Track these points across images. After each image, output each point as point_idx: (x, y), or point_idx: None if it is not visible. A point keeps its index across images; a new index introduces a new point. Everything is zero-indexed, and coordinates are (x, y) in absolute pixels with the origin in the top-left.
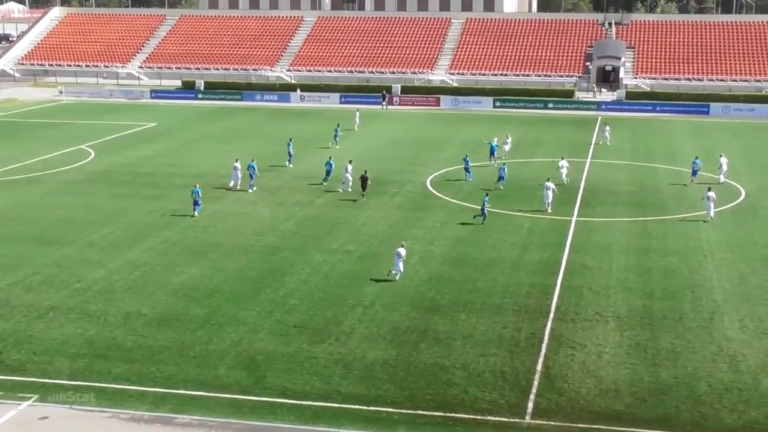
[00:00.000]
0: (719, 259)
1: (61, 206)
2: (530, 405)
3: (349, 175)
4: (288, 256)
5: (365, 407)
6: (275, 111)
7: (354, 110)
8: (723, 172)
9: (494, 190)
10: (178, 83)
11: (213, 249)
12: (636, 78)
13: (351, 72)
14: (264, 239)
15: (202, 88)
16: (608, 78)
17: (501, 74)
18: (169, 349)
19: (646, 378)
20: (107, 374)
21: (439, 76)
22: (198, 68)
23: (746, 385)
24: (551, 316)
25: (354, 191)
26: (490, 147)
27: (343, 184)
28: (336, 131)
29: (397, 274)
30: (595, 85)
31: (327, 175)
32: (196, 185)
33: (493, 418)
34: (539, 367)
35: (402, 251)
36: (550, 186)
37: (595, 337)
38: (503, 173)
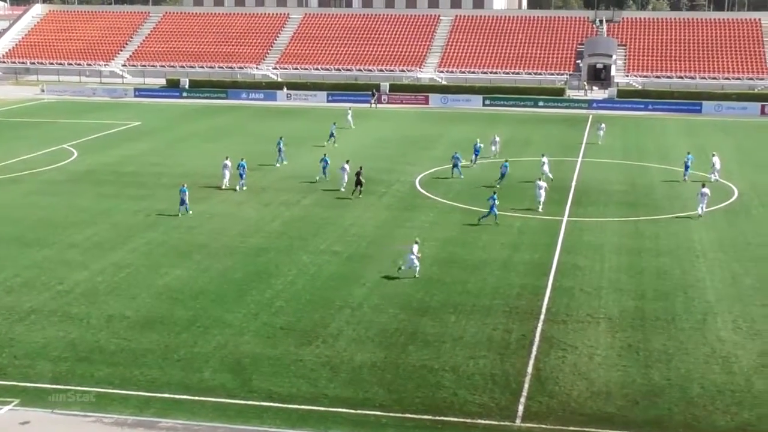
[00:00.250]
0: (712, 259)
1: (42, 206)
2: (521, 408)
3: (345, 174)
4: (274, 258)
5: (353, 410)
6: (261, 109)
7: (346, 109)
8: (716, 170)
9: (499, 188)
10: (163, 81)
11: (198, 250)
12: (627, 76)
13: (338, 70)
14: (250, 240)
15: (187, 86)
16: (599, 76)
17: (491, 72)
18: (153, 352)
19: (638, 380)
20: (90, 378)
21: (428, 74)
22: (182, 66)
23: (739, 386)
24: (542, 317)
25: (347, 190)
26: (474, 148)
27: (339, 183)
28: (332, 130)
29: (415, 269)
30: (586, 83)
31: (324, 170)
32: (184, 185)
33: (483, 422)
34: (530, 369)
35: (415, 248)
36: (542, 185)
37: (587, 338)
38: (505, 170)
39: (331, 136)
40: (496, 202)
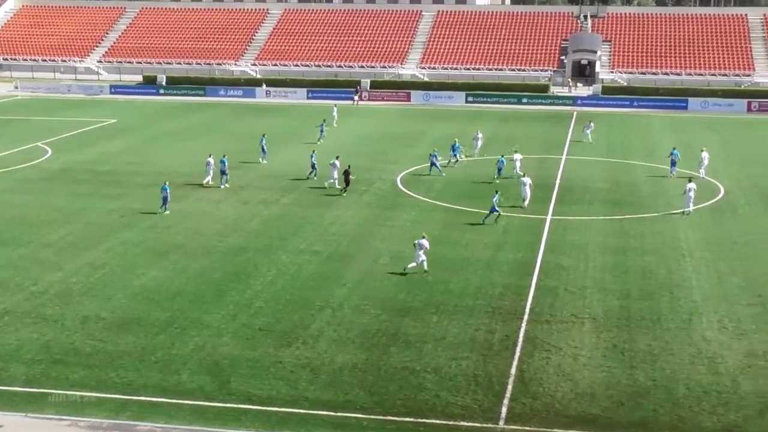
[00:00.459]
0: (698, 258)
1: (15, 205)
2: (504, 410)
3: (335, 172)
4: (253, 257)
5: (333, 413)
6: (240, 107)
7: (332, 105)
8: (704, 166)
9: (497, 181)
10: (139, 78)
11: (175, 250)
12: (612, 72)
13: (319, 66)
14: (228, 240)
15: (164, 83)
16: (584, 72)
17: (473, 68)
18: (129, 354)
19: (623, 381)
20: (65, 380)
21: (409, 70)
22: (159, 63)
23: (725, 387)
24: (525, 317)
25: (333, 188)
26: (452, 146)
27: (330, 181)
28: (322, 126)
29: (422, 264)
30: (571, 80)
31: (312, 168)
32: (166, 183)
33: (465, 424)
34: (513, 370)
35: (425, 242)
36: (526, 181)
37: (571, 339)
38: (501, 165)
39: (321, 132)
40: (498, 201)
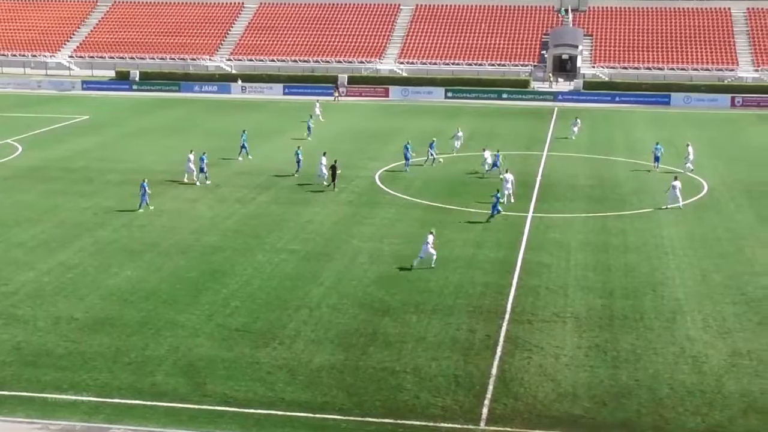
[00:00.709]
0: (681, 256)
1: None
2: (485, 410)
3: (323, 168)
4: (229, 256)
5: (311, 414)
6: (215, 102)
7: (314, 102)
8: (690, 161)
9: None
10: (112, 74)
11: (149, 249)
12: (594, 67)
13: (295, 62)
14: (204, 238)
15: (137, 78)
16: (565, 67)
17: (453, 63)
18: (102, 355)
19: (606, 381)
20: (36, 383)
21: (387, 65)
22: (132, 58)
23: (709, 387)
24: (507, 317)
25: (319, 184)
26: (429, 145)
27: (318, 177)
28: (309, 123)
29: (431, 259)
30: (552, 75)
31: (298, 165)
32: (145, 180)
33: (446, 425)
34: (494, 370)
35: (430, 238)
36: (509, 178)
37: (553, 338)
38: (497, 161)
39: (309, 129)
40: (500, 200)
